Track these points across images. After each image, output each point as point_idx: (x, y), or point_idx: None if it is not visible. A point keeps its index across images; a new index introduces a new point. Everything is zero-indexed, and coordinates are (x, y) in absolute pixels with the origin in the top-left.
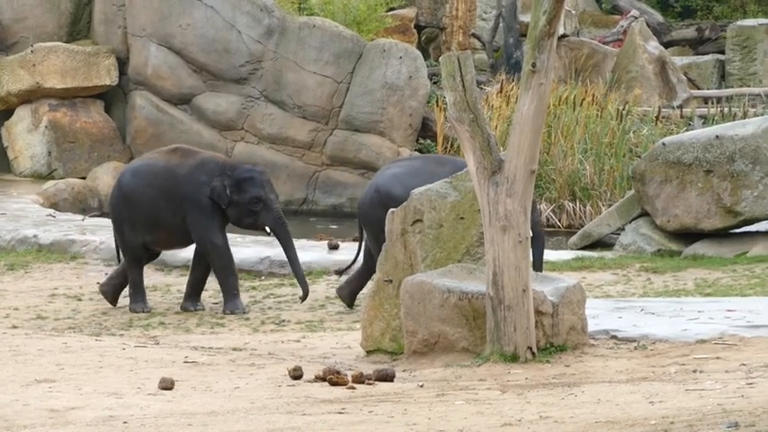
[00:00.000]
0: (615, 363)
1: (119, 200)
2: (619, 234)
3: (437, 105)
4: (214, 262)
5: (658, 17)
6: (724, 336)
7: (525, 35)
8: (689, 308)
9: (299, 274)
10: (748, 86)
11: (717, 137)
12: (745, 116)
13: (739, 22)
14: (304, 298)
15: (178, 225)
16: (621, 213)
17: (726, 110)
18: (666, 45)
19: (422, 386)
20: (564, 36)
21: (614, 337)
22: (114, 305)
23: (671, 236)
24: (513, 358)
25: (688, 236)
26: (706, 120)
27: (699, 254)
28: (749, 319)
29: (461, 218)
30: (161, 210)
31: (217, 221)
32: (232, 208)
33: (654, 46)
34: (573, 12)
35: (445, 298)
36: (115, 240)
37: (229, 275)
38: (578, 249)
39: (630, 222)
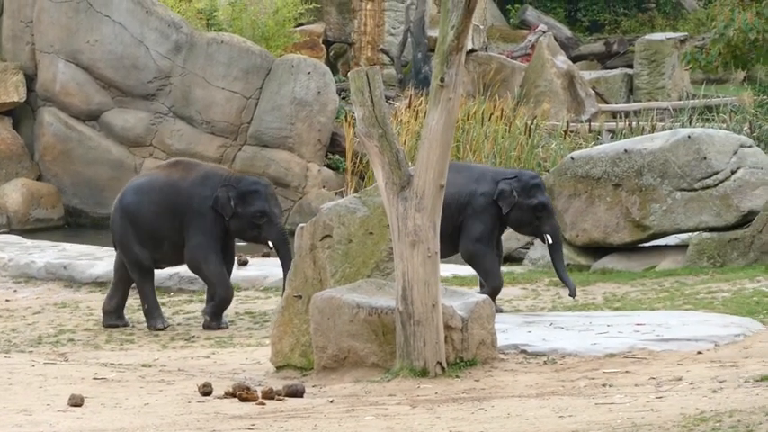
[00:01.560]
0: (525, 377)
1: (122, 219)
2: (528, 248)
3: (346, 121)
4: (206, 279)
5: (566, 32)
6: (633, 349)
7: (433, 50)
8: (598, 322)
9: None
10: (656, 100)
11: (625, 151)
12: (653, 130)
13: (647, 37)
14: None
15: (183, 241)
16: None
17: (634, 124)
18: (575, 59)
19: (332, 402)
20: (472, 51)
21: (524, 351)
22: (124, 324)
23: (580, 250)
24: (423, 373)
25: (597, 250)
26: (614, 134)
27: (608, 268)
28: (658, 332)
29: (371, 233)
30: (165, 226)
31: (214, 239)
32: (235, 220)
33: (562, 60)
34: (481, 26)
35: (355, 313)
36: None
37: (218, 293)
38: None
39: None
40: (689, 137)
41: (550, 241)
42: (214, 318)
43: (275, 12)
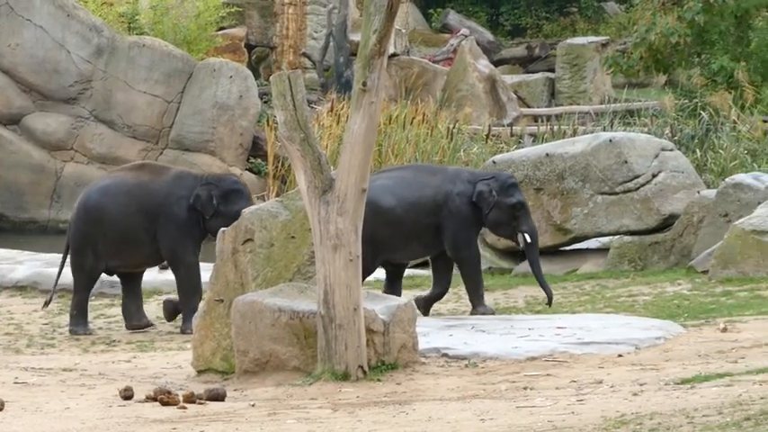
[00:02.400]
0: (446, 380)
1: (84, 221)
2: None
3: (268, 125)
4: (182, 280)
5: (488, 36)
6: (554, 353)
7: (355, 54)
8: (519, 325)
9: None
10: (578, 104)
11: (547, 155)
12: (574, 134)
13: (569, 41)
14: None
15: (149, 243)
16: None
17: (556, 128)
18: (497, 63)
19: (253, 405)
20: (394, 55)
21: (445, 354)
22: (147, 324)
23: (501, 254)
24: (345, 377)
25: (519, 253)
26: (536, 138)
27: (529, 271)
28: (579, 336)
29: (292, 237)
30: (133, 228)
31: (192, 239)
32: (215, 219)
33: (484, 64)
34: (403, 30)
35: (276, 317)
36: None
37: (193, 295)
38: (409, 268)
39: None
40: (610, 141)
41: (528, 240)
42: (190, 320)
43: (197, 15)
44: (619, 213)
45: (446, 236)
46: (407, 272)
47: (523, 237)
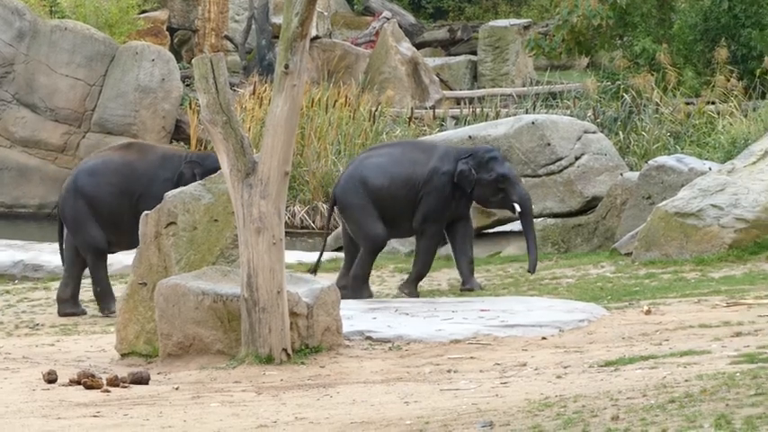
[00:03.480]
0: (370, 363)
1: (76, 201)
2: None
3: (190, 107)
4: None
5: (410, 18)
6: (478, 335)
7: (278, 37)
8: (443, 308)
9: None
10: (500, 87)
11: (469, 137)
12: (497, 117)
13: (491, 23)
14: None
15: (137, 224)
16: None
17: (478, 110)
18: (419, 46)
19: (177, 389)
20: (316, 38)
21: (369, 337)
22: (81, 312)
23: None
24: (269, 360)
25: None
26: (458, 120)
27: (451, 254)
28: (503, 318)
29: (215, 220)
30: (122, 208)
31: None
32: None
33: (406, 47)
34: (325, 13)
35: (200, 300)
36: (60, 246)
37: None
38: (333, 251)
39: None
40: (533, 123)
41: (520, 210)
42: None
43: None
44: (542, 196)
45: (420, 207)
46: (332, 254)
47: (514, 207)
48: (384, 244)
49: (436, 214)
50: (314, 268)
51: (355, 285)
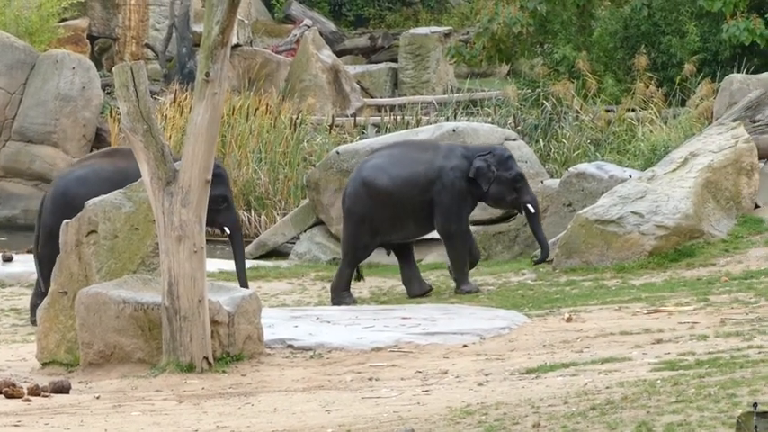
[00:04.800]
0: (292, 371)
1: (65, 211)
2: (294, 243)
3: (111, 116)
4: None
5: (331, 26)
6: (399, 343)
7: (198, 45)
8: (364, 316)
9: (243, 282)
10: (421, 94)
11: None
12: (418, 124)
13: (412, 31)
14: None
15: None
16: (296, 222)
17: (399, 118)
18: (340, 54)
19: (98, 397)
20: (237, 45)
21: (290, 345)
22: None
23: None
24: (190, 368)
25: None
26: (380, 128)
27: (374, 262)
28: (424, 326)
29: (136, 228)
30: None
31: None
32: None
33: (327, 55)
34: (246, 21)
35: (121, 309)
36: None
37: None
38: (254, 259)
39: (305, 231)
40: (454, 130)
41: (532, 210)
42: None
43: (39, 6)
44: None
45: (437, 209)
46: (253, 262)
47: (527, 208)
48: (364, 258)
49: (455, 211)
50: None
51: (335, 296)
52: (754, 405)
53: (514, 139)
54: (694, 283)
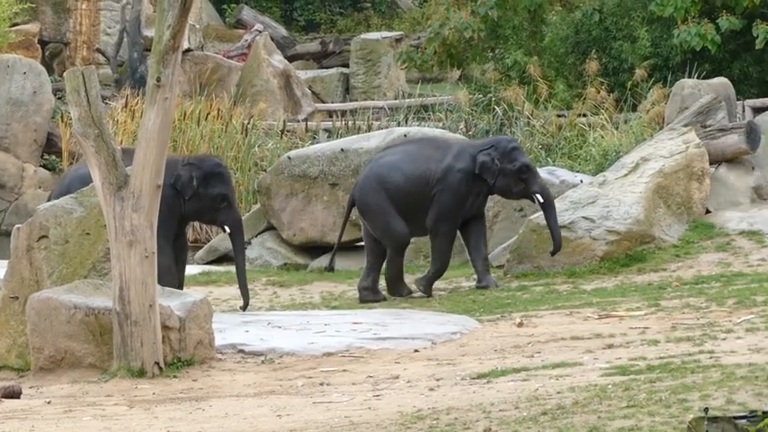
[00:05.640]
0: (243, 376)
1: None
2: (245, 248)
3: (62, 121)
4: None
5: (282, 31)
6: (351, 348)
7: (150, 50)
8: (316, 321)
9: (243, 283)
10: (372, 100)
11: (342, 150)
12: (369, 129)
13: (363, 36)
14: (245, 308)
15: None
16: (248, 227)
17: (351, 123)
18: (291, 59)
19: (49, 402)
20: (188, 50)
21: (241, 351)
22: None
23: (297, 249)
24: (141, 373)
25: (314, 249)
26: (331, 133)
27: (324, 266)
28: (375, 331)
29: (87, 233)
30: None
31: (170, 221)
32: (195, 201)
33: (278, 60)
34: (197, 26)
35: (72, 314)
36: None
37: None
38: (205, 264)
39: (257, 236)
40: (405, 135)
41: (541, 200)
42: None
43: None
44: None
45: (434, 206)
46: (204, 267)
47: (536, 198)
48: (408, 240)
49: (450, 212)
50: (330, 267)
51: (392, 286)
52: (705, 410)
53: None
54: (645, 289)
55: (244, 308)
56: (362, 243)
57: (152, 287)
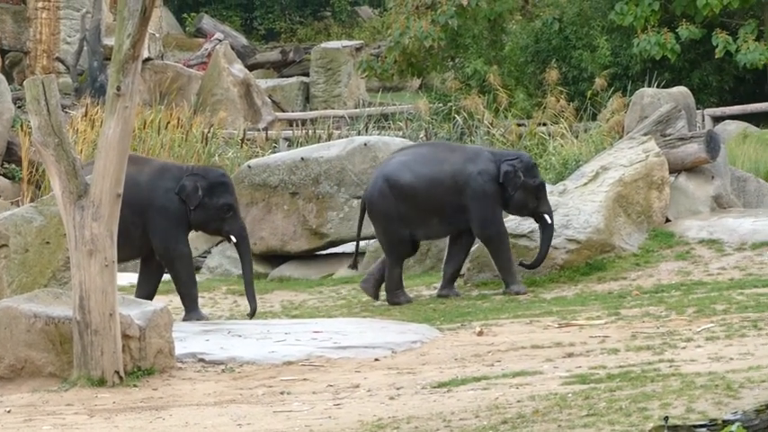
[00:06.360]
0: (203, 386)
1: None
2: (205, 257)
3: (22, 129)
4: (179, 271)
5: (243, 40)
6: (311, 357)
7: (110, 59)
8: (276, 330)
9: (250, 291)
10: (333, 108)
11: (302, 159)
12: (329, 138)
13: (323, 45)
14: (252, 315)
15: (138, 237)
16: (207, 236)
17: (311, 132)
18: (251, 68)
19: (9, 412)
20: (148, 59)
21: (202, 360)
22: None
23: (258, 258)
24: (101, 382)
25: (275, 258)
26: (291, 142)
27: (285, 276)
28: (336, 340)
29: (47, 242)
30: (124, 221)
31: (182, 229)
32: (200, 211)
33: (238, 69)
34: (157, 35)
35: (32, 323)
36: None
37: (193, 285)
38: (165, 273)
39: (217, 245)
40: (365, 144)
41: (549, 221)
42: (194, 311)
43: None
44: None
45: (472, 216)
46: (165, 277)
47: (545, 218)
48: (409, 250)
49: (493, 216)
50: (353, 264)
51: (391, 295)
52: (665, 419)
53: None
54: (605, 297)
55: (251, 315)
56: (322, 252)
57: (112, 296)
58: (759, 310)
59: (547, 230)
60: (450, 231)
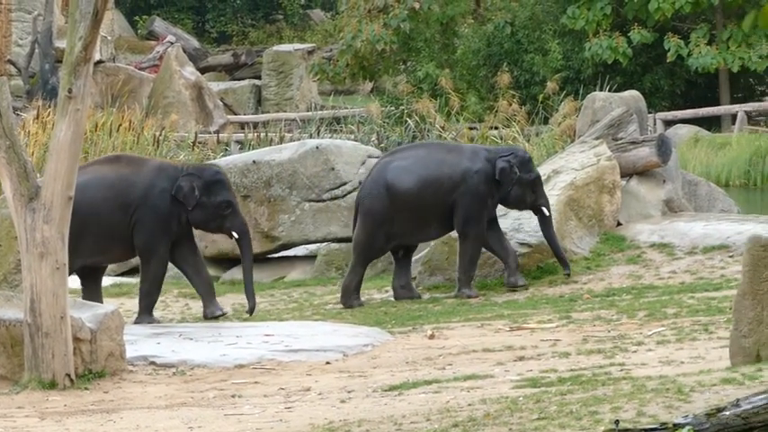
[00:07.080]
0: (154, 388)
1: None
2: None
3: None
4: (151, 271)
5: (195, 43)
6: (262, 360)
7: (61, 61)
8: (227, 333)
9: (250, 288)
10: (284, 111)
11: (254, 162)
12: (281, 141)
13: (275, 48)
14: (251, 312)
15: (132, 237)
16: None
17: (263, 135)
18: (203, 71)
19: None
20: (100, 62)
21: (153, 362)
22: None
23: (209, 261)
24: (52, 385)
25: (226, 261)
26: (243, 145)
27: (237, 279)
28: (287, 343)
29: None
30: (118, 222)
31: (168, 231)
32: (199, 210)
33: (190, 72)
34: (109, 38)
35: None
36: None
37: (156, 290)
38: (116, 276)
39: None
40: (317, 148)
41: (546, 213)
42: (147, 314)
43: None
44: (326, 220)
45: (458, 211)
46: (116, 279)
47: (542, 210)
48: (378, 257)
49: (477, 215)
50: None
51: (346, 296)
52: (616, 422)
53: (378, 157)
54: (557, 301)
55: (250, 312)
56: (274, 255)
57: (63, 299)
58: (710, 314)
59: (547, 223)
60: (445, 232)
